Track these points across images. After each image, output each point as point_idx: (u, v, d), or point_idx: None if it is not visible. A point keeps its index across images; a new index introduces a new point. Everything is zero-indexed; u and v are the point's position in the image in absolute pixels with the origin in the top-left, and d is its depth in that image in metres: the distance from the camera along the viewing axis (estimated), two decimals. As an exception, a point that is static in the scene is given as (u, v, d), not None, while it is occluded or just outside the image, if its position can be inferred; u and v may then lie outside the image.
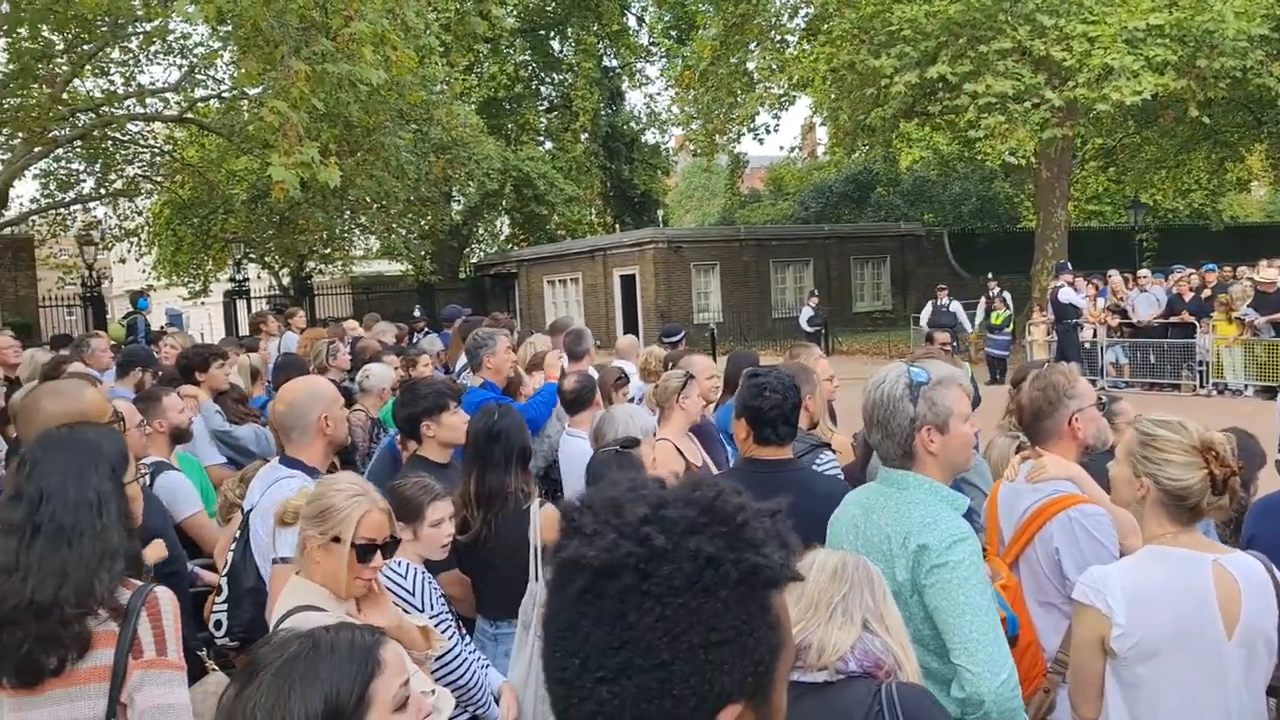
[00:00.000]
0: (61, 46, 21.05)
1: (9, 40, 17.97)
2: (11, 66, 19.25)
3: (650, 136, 38.35)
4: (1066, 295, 16.67)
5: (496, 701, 3.20)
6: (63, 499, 2.13)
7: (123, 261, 30.09)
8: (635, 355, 7.37)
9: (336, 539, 2.49)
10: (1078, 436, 3.18)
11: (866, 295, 32.68)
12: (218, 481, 5.01)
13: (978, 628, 2.32)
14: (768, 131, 33.79)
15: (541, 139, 35.51)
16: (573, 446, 5.00)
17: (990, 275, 19.81)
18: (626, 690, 0.95)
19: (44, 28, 19.57)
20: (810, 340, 18.23)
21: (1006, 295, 18.78)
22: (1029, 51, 17.44)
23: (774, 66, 23.47)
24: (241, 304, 27.38)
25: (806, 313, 22.58)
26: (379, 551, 2.56)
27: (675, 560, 0.95)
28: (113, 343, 8.26)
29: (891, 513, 2.57)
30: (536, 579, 3.67)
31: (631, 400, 5.61)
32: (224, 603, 3.22)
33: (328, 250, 29.97)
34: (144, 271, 29.97)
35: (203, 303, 29.87)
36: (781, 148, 53.03)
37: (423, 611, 3.01)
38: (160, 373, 6.24)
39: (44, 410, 2.53)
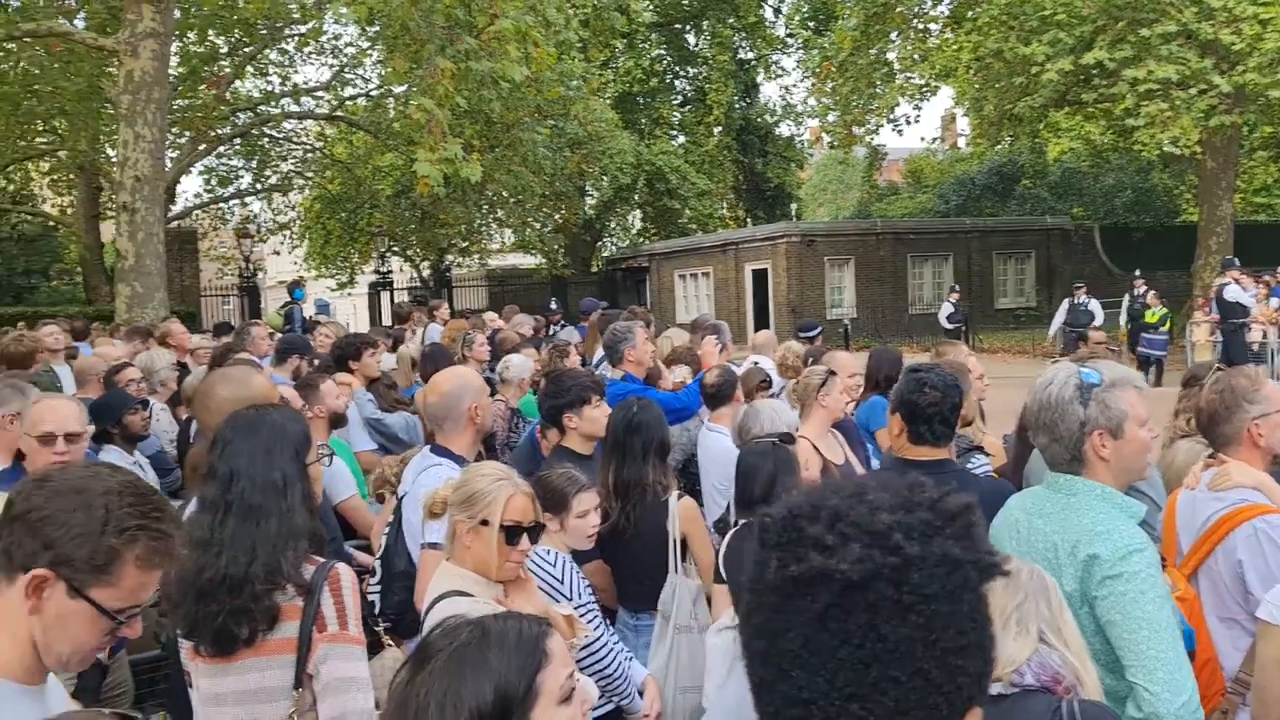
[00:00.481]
0: (225, 50, 22.30)
1: (180, 45, 19.07)
2: (181, 70, 20.44)
3: (784, 129, 37.94)
4: (1233, 293, 15.63)
5: (640, 694, 3.20)
6: (251, 479, 2.24)
7: (276, 254, 31.68)
8: (773, 350, 7.28)
9: (485, 522, 2.54)
10: (1259, 444, 2.96)
11: (1009, 291, 31.52)
12: (368, 466, 5.19)
13: (1157, 644, 2.19)
14: (908, 123, 33.05)
15: (675, 133, 35.55)
16: (712, 441, 4.97)
17: (1137, 273, 18.76)
18: (881, 705, 0.91)
19: (211, 32, 20.77)
20: (949, 338, 17.69)
21: (1152, 294, 17.69)
22: (1195, 34, 16.45)
23: (916, 56, 22.87)
24: (385, 295, 28.40)
25: (946, 309, 21.91)
26: (525, 535, 2.60)
27: (926, 566, 0.92)
28: (271, 331, 8.66)
29: (1058, 519, 2.46)
30: (676, 571, 3.67)
31: (774, 396, 5.53)
32: (377, 584, 3.33)
33: (466, 244, 30.76)
34: (295, 263, 31.44)
35: (349, 294, 31.10)
36: (922, 139, 51.61)
37: (569, 600, 3.03)
38: (316, 360, 6.51)
39: (217, 395, 2.68)
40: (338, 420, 4.68)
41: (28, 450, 3.20)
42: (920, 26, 23.81)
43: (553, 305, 16.14)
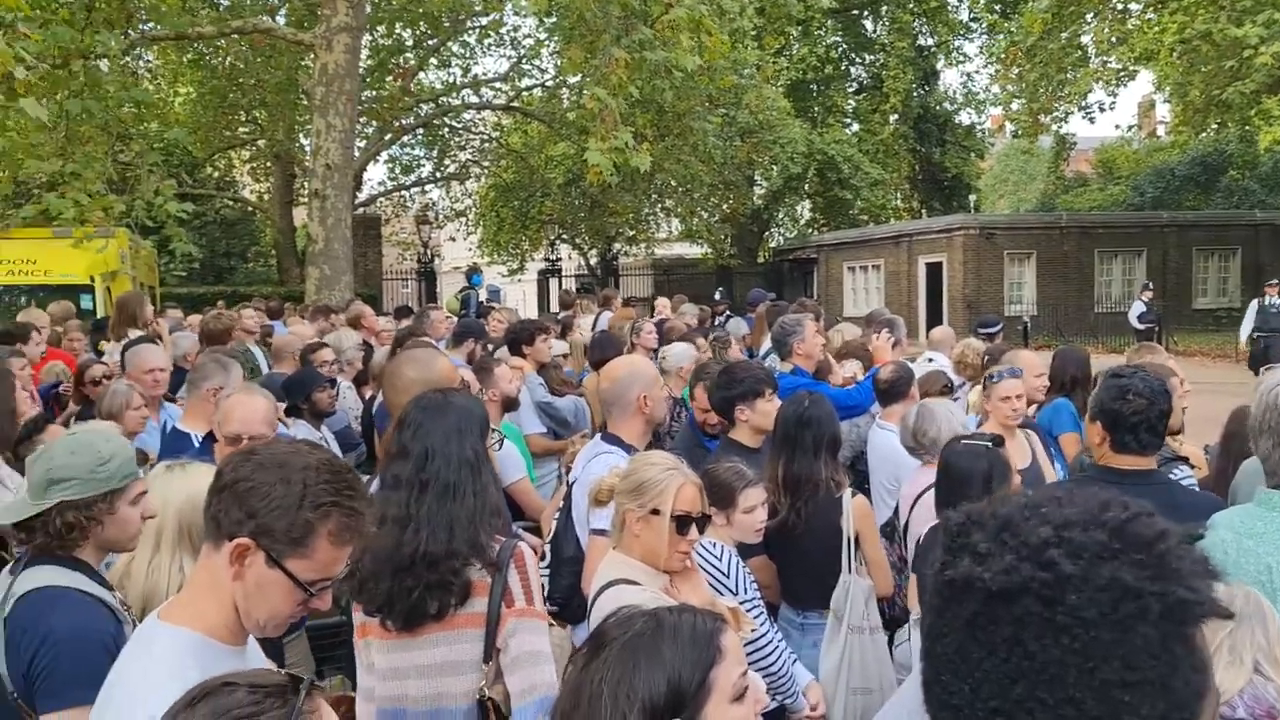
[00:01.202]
0: (410, 43, 23.28)
1: (369, 39, 20.01)
2: (369, 62, 21.47)
3: (964, 117, 36.45)
4: None
5: (803, 694, 3.14)
6: (446, 457, 2.30)
7: (453, 240, 32.93)
8: (950, 347, 7.00)
9: (655, 511, 2.52)
10: None
11: (1210, 291, 29.35)
12: (536, 450, 5.30)
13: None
14: (1101, 110, 31.11)
15: (848, 121, 34.77)
16: (881, 439, 4.82)
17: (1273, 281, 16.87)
18: None
19: (398, 26, 21.73)
20: (1140, 338, 16.60)
21: None
22: None
23: (1113, 39, 21.52)
24: (554, 282, 29.08)
25: (1137, 308, 20.55)
26: (694, 525, 2.57)
27: (1086, 589, 0.86)
28: (448, 315, 8.98)
29: (1272, 540, 2.25)
30: (850, 570, 3.58)
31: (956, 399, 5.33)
32: (546, 568, 3.38)
33: (633, 232, 31.09)
34: (470, 250, 32.59)
35: (519, 280, 31.99)
36: (1116, 127, 48.68)
37: (735, 594, 2.99)
38: (489, 345, 6.71)
39: (405, 375, 2.77)
40: (510, 404, 4.79)
41: (218, 438, 3.36)
42: (1119, 7, 22.39)
43: (718, 295, 16.11)
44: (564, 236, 31.32)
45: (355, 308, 9.30)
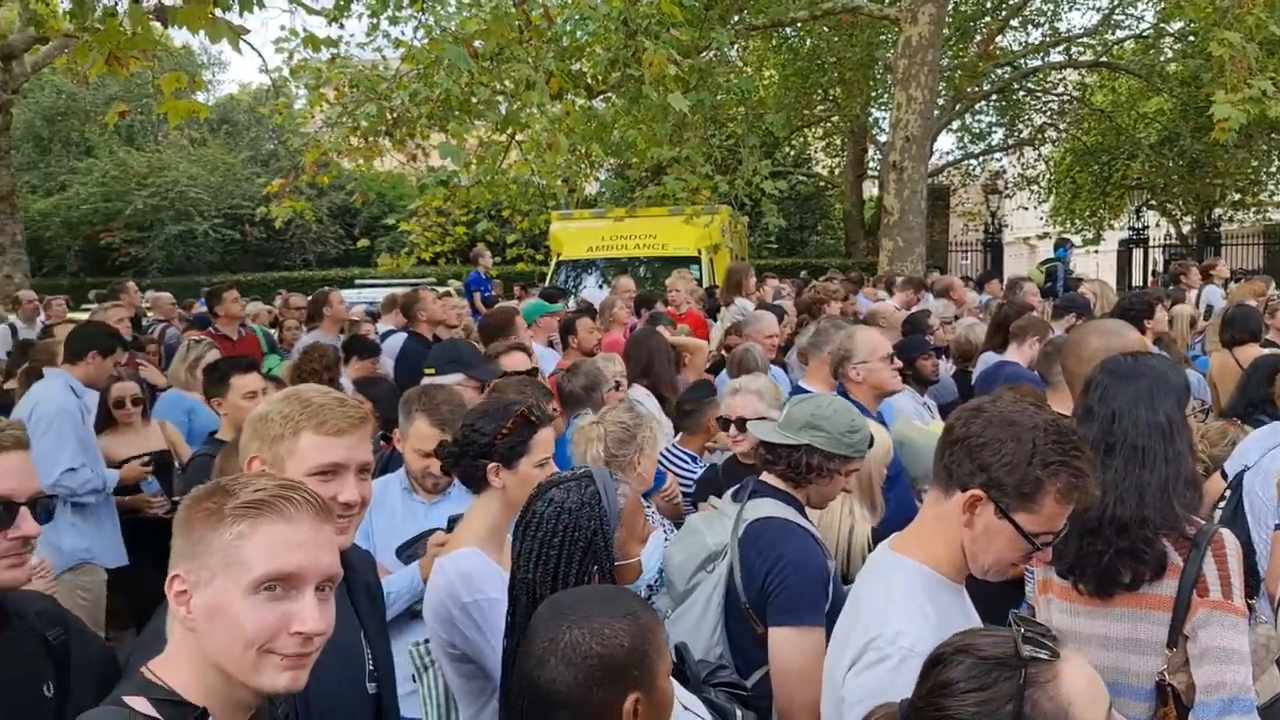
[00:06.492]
0: (991, 4, 22.57)
1: (951, 5, 19.72)
2: (947, 30, 21.23)
3: None
4: None
5: None
6: (1134, 420, 2.24)
7: (1024, 209, 31.38)
8: None
9: None
10: None
11: None
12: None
13: None
14: None
15: None
16: None
17: None
18: None
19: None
20: None
21: None
22: None
23: None
24: (1138, 253, 26.40)
25: None
26: None
27: None
28: (1037, 289, 8.65)
29: None
30: None
31: None
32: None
33: (1239, 196, 27.00)
34: (1040, 219, 30.83)
35: (1094, 251, 29.53)
36: None
37: None
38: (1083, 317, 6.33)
39: (1090, 344, 2.75)
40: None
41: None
42: None
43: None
44: (1151, 202, 28.19)
45: (944, 279, 9.36)
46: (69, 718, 1.94)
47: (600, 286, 12.33)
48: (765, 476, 2.70)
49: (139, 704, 1.37)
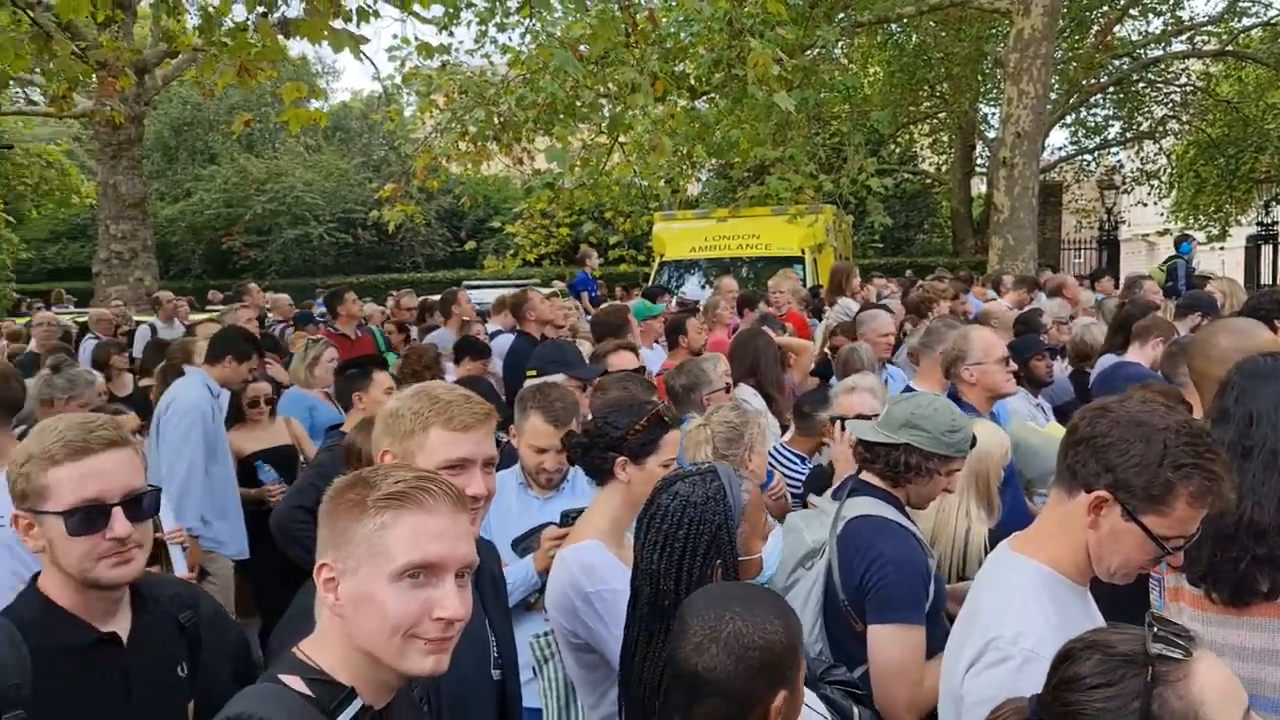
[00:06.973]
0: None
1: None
2: (1062, 22, 20.57)
3: None
4: None
5: None
6: (1273, 424, 2.17)
7: (1143, 205, 30.16)
8: None
9: None
10: None
11: None
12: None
13: None
14: None
15: None
16: None
17: None
18: None
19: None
20: None
21: None
22: None
23: None
24: (1266, 250, 25.10)
25: None
26: None
27: None
28: (1157, 287, 8.33)
29: None
30: None
31: None
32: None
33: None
34: (1160, 215, 29.58)
35: (1219, 248, 28.18)
36: None
37: None
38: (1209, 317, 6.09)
39: (1219, 344, 2.66)
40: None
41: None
42: None
43: None
44: (1282, 197, 26.76)
45: (1057, 278, 9.10)
46: (203, 697, 2.05)
47: (702, 287, 12.35)
48: (865, 475, 2.70)
49: (294, 682, 1.46)
